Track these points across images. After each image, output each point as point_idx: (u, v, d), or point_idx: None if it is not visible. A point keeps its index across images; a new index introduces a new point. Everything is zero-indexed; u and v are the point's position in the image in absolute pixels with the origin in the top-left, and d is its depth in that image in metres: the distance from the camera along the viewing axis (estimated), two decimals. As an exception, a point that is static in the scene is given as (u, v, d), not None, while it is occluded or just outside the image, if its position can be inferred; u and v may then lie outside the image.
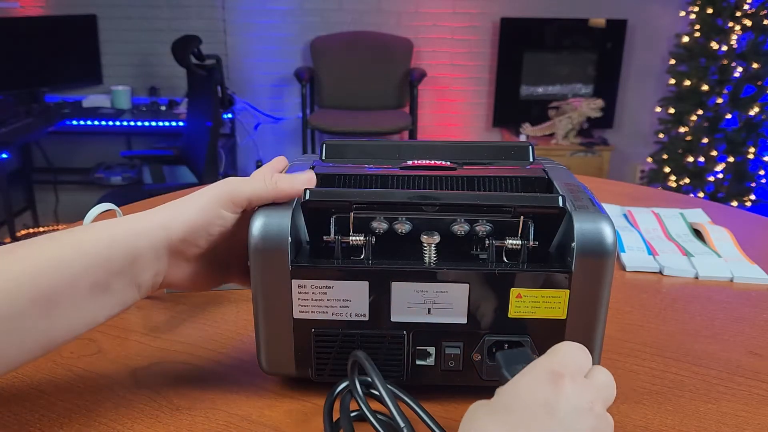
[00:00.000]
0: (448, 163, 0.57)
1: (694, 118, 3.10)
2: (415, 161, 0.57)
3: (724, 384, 0.56)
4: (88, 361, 0.57)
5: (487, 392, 0.51)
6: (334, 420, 0.45)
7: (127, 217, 0.49)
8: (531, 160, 0.59)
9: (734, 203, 3.11)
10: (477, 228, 0.49)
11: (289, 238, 0.47)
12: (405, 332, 0.49)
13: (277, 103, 3.65)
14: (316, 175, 0.54)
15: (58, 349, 0.59)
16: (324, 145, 0.59)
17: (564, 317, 0.48)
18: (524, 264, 0.48)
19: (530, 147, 0.60)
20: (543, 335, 0.49)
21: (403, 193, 0.51)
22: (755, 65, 2.97)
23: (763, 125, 3.07)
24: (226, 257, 0.53)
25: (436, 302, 0.48)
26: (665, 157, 3.24)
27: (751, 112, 3.02)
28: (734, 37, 2.98)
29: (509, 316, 0.49)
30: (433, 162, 0.57)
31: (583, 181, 0.56)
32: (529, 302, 0.48)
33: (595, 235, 0.47)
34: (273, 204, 0.49)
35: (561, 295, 0.48)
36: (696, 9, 3.10)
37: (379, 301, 0.49)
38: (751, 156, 3.10)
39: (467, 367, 0.50)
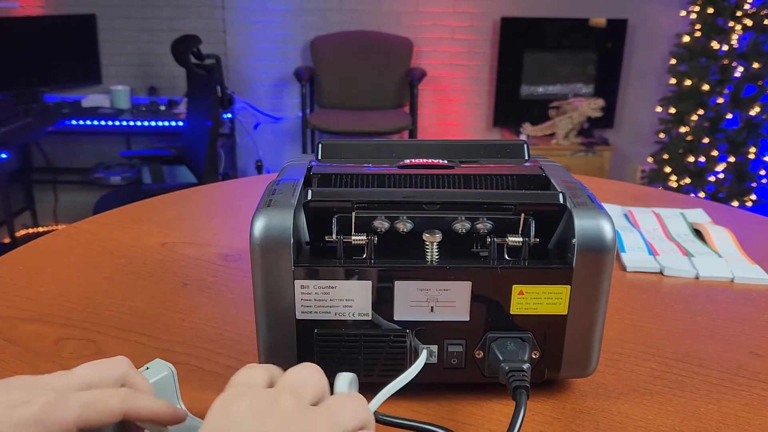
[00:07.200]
0: (445, 161, 0.57)
1: (694, 117, 3.10)
2: (413, 160, 0.57)
3: (725, 384, 0.56)
4: (87, 361, 0.57)
5: (489, 389, 0.52)
6: None
7: None
8: (526, 158, 0.60)
9: (735, 203, 3.11)
10: (478, 226, 0.49)
11: (292, 239, 0.47)
12: (408, 331, 0.49)
13: (277, 103, 3.64)
14: (315, 175, 0.54)
15: (57, 348, 0.59)
16: (320, 145, 0.59)
17: (565, 313, 0.49)
18: (526, 261, 0.48)
19: (525, 145, 0.61)
20: (544, 331, 0.50)
21: (405, 191, 0.51)
22: (756, 65, 2.97)
23: (764, 125, 3.07)
24: None
25: (438, 300, 0.48)
26: (666, 157, 3.24)
27: (752, 112, 3.02)
28: (735, 36, 2.98)
29: (511, 312, 0.49)
30: (430, 161, 0.57)
31: (583, 180, 0.57)
32: (530, 299, 0.48)
33: (596, 231, 0.47)
34: (273, 203, 0.49)
35: (562, 291, 0.48)
36: (697, 8, 3.10)
37: (382, 300, 0.49)
38: (751, 156, 3.10)
39: (469, 364, 0.50)
